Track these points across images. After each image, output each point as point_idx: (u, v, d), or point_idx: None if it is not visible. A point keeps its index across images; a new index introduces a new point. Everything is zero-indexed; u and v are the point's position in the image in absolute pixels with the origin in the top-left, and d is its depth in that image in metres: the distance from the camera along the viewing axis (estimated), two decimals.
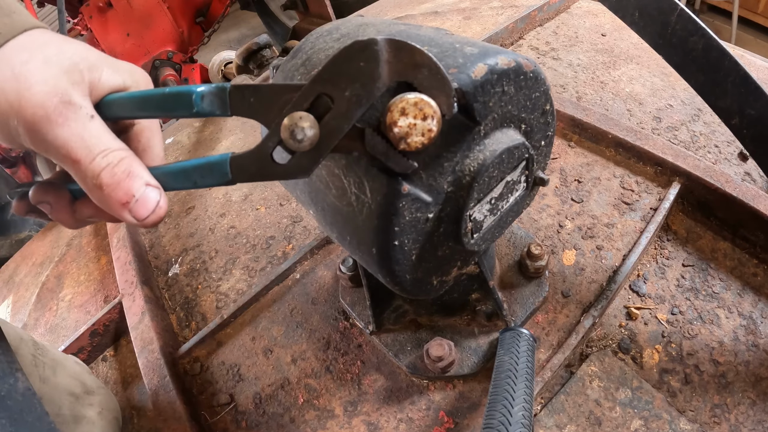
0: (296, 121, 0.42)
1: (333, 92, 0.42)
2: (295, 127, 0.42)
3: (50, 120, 0.40)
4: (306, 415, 0.90)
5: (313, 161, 0.44)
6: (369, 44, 0.41)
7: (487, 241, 0.67)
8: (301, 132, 0.42)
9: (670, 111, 1.26)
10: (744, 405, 0.76)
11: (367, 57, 0.42)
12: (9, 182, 2.53)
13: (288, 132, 0.42)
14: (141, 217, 0.43)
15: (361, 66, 0.42)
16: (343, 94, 0.42)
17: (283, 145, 0.43)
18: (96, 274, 1.37)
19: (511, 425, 0.63)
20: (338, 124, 0.43)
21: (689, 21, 0.79)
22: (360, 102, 0.43)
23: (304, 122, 0.42)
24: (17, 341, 0.81)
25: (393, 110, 0.45)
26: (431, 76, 0.44)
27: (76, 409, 0.86)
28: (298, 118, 0.42)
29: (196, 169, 0.45)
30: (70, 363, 0.94)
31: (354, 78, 0.42)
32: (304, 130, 0.42)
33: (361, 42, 0.41)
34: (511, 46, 1.65)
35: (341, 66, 0.42)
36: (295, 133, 0.42)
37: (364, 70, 0.42)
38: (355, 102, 0.43)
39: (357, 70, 0.42)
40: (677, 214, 1.03)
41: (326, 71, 0.42)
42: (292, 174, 0.45)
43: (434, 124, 0.45)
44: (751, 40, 3.67)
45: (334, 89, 0.42)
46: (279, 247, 1.23)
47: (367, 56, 0.41)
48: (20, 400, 0.55)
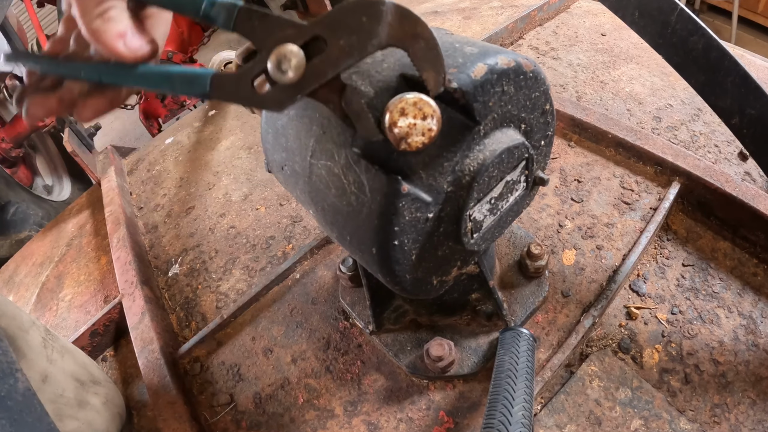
0: (286, 53, 0.42)
1: (329, 37, 0.42)
2: (284, 58, 0.42)
3: None
4: (306, 415, 0.90)
5: (289, 97, 0.45)
6: (376, 2, 0.42)
7: (487, 241, 0.67)
8: (287, 64, 0.42)
9: (670, 111, 1.26)
10: (744, 405, 0.76)
11: (371, 13, 0.42)
12: (9, 182, 2.53)
13: (275, 61, 0.42)
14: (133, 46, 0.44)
15: (363, 20, 0.42)
16: (338, 41, 0.42)
17: (267, 74, 0.43)
18: (96, 274, 1.37)
19: (511, 425, 0.63)
20: (324, 68, 0.43)
21: (689, 21, 0.79)
22: (351, 53, 0.43)
23: (293, 55, 0.42)
24: (29, 324, 0.82)
25: (392, 110, 0.45)
26: (427, 49, 0.44)
27: (81, 395, 0.86)
28: (289, 50, 0.42)
29: (179, 76, 0.46)
30: (79, 353, 0.95)
31: (353, 29, 0.42)
32: (291, 63, 0.42)
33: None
34: (510, 45, 1.65)
35: (344, 15, 0.42)
36: (282, 63, 0.42)
37: (365, 24, 0.42)
38: (347, 52, 0.43)
39: (358, 23, 0.42)
40: (677, 214, 1.03)
41: (328, 17, 0.42)
42: (266, 104, 0.45)
43: (434, 123, 0.45)
44: (751, 39, 3.67)
45: (331, 34, 0.42)
46: (279, 247, 1.23)
47: (371, 13, 0.42)
48: (20, 401, 0.55)
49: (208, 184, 1.52)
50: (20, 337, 0.78)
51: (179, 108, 2.83)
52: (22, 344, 0.78)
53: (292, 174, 0.68)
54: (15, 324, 0.78)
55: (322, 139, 0.59)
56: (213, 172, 1.57)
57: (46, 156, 3.21)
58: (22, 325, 0.80)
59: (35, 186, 2.96)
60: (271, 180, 1.44)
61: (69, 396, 0.84)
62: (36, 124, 2.55)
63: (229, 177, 1.52)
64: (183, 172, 1.63)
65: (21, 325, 0.79)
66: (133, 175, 1.72)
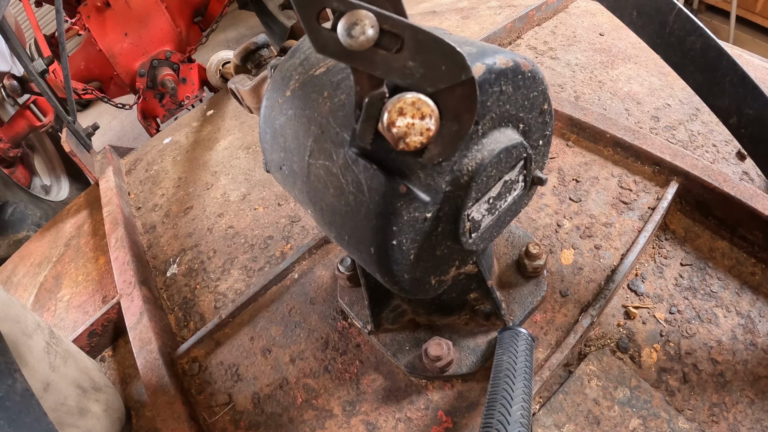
0: (365, 24, 0.41)
1: (408, 49, 0.42)
2: (359, 25, 0.41)
3: None
4: (305, 415, 0.90)
5: (335, 52, 0.43)
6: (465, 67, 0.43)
7: (485, 241, 0.67)
8: (358, 34, 0.41)
9: (668, 110, 1.26)
10: (742, 404, 0.76)
11: (452, 70, 0.43)
12: (7, 183, 2.52)
13: (350, 22, 0.41)
14: None
15: (442, 69, 0.43)
16: (409, 60, 0.43)
17: (337, 19, 0.42)
18: (94, 275, 1.37)
19: (510, 424, 0.63)
20: (379, 64, 0.43)
21: (687, 20, 0.79)
22: (406, 77, 0.44)
23: (367, 33, 0.41)
24: (34, 326, 0.82)
25: (391, 110, 0.45)
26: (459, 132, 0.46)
27: (83, 402, 0.86)
28: (369, 25, 0.41)
29: None
30: (82, 357, 0.95)
31: (428, 65, 0.43)
32: (360, 37, 0.41)
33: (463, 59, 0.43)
34: (509, 45, 1.65)
35: (436, 47, 0.42)
36: (354, 29, 0.41)
37: (439, 72, 0.43)
38: (406, 73, 0.43)
39: (437, 65, 0.43)
40: (675, 214, 1.03)
41: (425, 35, 0.42)
42: (313, 36, 0.43)
43: (432, 123, 0.45)
44: (749, 39, 3.67)
45: (412, 50, 0.42)
46: (277, 247, 1.23)
47: (452, 70, 0.43)
48: (18, 401, 0.55)
49: (206, 184, 1.52)
50: (23, 344, 0.77)
51: (177, 108, 2.82)
52: (25, 351, 0.77)
53: (291, 174, 0.67)
54: (18, 328, 0.77)
55: (320, 139, 0.59)
56: (211, 171, 1.57)
57: (44, 156, 3.20)
58: (26, 329, 0.79)
59: (33, 186, 2.95)
60: (269, 180, 1.44)
61: (71, 404, 0.83)
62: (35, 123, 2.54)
63: (228, 177, 1.52)
64: (181, 172, 1.62)
65: (25, 330, 0.78)
66: (131, 175, 1.72)
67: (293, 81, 0.65)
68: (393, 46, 0.43)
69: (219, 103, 1.97)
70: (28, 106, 2.55)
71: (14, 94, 2.25)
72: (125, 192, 1.62)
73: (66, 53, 1.80)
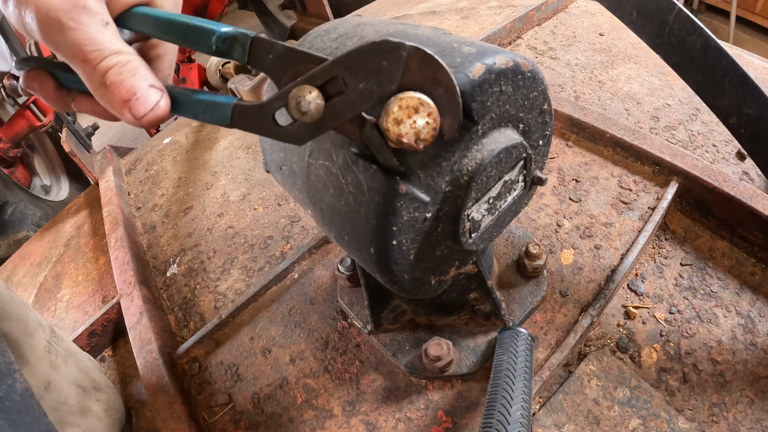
0: (305, 94, 0.42)
1: (348, 79, 0.43)
2: (302, 99, 0.42)
3: (62, 24, 0.40)
4: (304, 415, 0.90)
5: (309, 134, 0.45)
6: (398, 47, 0.42)
7: (485, 241, 0.67)
8: (307, 106, 0.42)
9: (668, 110, 1.26)
10: (742, 404, 0.76)
11: (392, 58, 0.42)
12: (7, 182, 2.52)
13: (294, 101, 0.43)
14: (139, 115, 0.43)
15: (383, 65, 0.42)
16: (358, 84, 0.43)
17: (287, 110, 0.44)
18: (94, 275, 1.37)
19: (510, 425, 0.63)
20: (343, 109, 0.44)
21: (687, 20, 0.80)
22: (370, 97, 0.43)
23: (311, 98, 0.43)
24: (35, 325, 0.82)
25: (392, 109, 0.45)
26: (446, 96, 0.44)
27: (83, 402, 0.86)
28: (308, 92, 0.43)
29: (201, 103, 0.46)
30: (83, 357, 0.95)
31: (372, 73, 0.43)
32: (310, 105, 0.43)
33: (391, 43, 0.42)
34: (509, 45, 1.65)
35: (365, 58, 0.42)
36: (301, 105, 0.42)
37: (385, 69, 0.42)
38: (366, 95, 0.43)
39: (378, 68, 0.42)
40: (675, 214, 1.03)
41: (349, 58, 0.42)
42: (287, 138, 0.46)
43: (432, 123, 0.45)
44: (749, 39, 3.67)
45: (351, 77, 0.43)
46: (277, 247, 1.23)
47: (393, 58, 0.42)
48: (18, 401, 0.55)
49: (206, 184, 1.52)
50: (24, 342, 0.77)
51: None
52: (26, 350, 0.77)
53: (290, 174, 0.67)
54: (20, 327, 0.77)
55: (320, 139, 0.59)
56: (211, 171, 1.57)
57: (44, 156, 3.21)
58: (27, 328, 0.79)
59: (33, 186, 2.95)
60: (269, 180, 1.44)
61: (71, 403, 0.83)
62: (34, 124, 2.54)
63: (227, 177, 1.52)
64: (181, 172, 1.62)
65: (26, 329, 0.78)
66: (131, 175, 1.72)
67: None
68: (339, 88, 0.43)
69: None
70: (28, 106, 2.55)
71: (14, 94, 2.25)
72: (125, 192, 1.62)
73: None
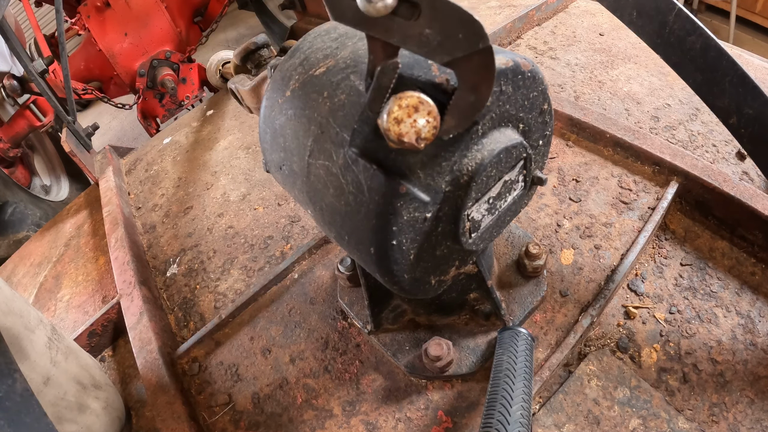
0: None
1: (426, 18, 0.42)
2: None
3: None
4: (304, 415, 0.90)
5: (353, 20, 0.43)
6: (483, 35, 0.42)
7: (485, 241, 0.67)
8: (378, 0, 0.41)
9: (668, 110, 1.26)
10: (742, 404, 0.76)
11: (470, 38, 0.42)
12: (7, 183, 2.52)
13: None
14: None
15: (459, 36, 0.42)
16: (426, 28, 0.42)
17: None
18: (94, 275, 1.37)
19: (510, 424, 0.63)
20: (396, 31, 0.43)
21: (687, 20, 0.79)
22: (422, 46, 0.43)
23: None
24: (36, 322, 0.82)
25: (392, 109, 0.45)
26: (473, 105, 0.45)
27: (82, 399, 0.86)
28: None
29: None
30: (83, 355, 0.95)
31: (445, 32, 0.42)
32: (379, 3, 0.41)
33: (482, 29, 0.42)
34: (509, 45, 1.65)
35: (454, 16, 0.42)
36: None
37: (456, 40, 0.42)
38: (423, 42, 0.43)
39: (454, 33, 0.42)
40: (675, 214, 1.03)
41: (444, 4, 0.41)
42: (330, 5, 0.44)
43: (433, 122, 0.45)
44: (749, 39, 3.67)
45: (429, 18, 0.42)
46: (277, 247, 1.23)
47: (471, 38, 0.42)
48: (18, 401, 0.55)
49: (206, 184, 1.52)
50: (25, 337, 0.77)
51: (177, 108, 2.82)
52: (27, 345, 0.77)
53: (291, 174, 0.67)
54: (21, 323, 0.78)
55: (320, 139, 0.59)
56: (211, 172, 1.57)
57: (44, 156, 3.20)
58: (28, 323, 0.79)
59: (33, 186, 2.95)
60: (269, 180, 1.44)
61: (70, 399, 0.84)
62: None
63: (227, 177, 1.52)
64: (181, 172, 1.62)
65: (27, 324, 0.79)
66: (131, 175, 1.72)
67: (293, 81, 0.65)
68: (410, 14, 0.42)
69: (219, 103, 1.97)
70: (28, 106, 2.55)
71: (14, 94, 2.25)
72: (125, 192, 1.62)
73: (66, 53, 1.80)
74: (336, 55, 0.63)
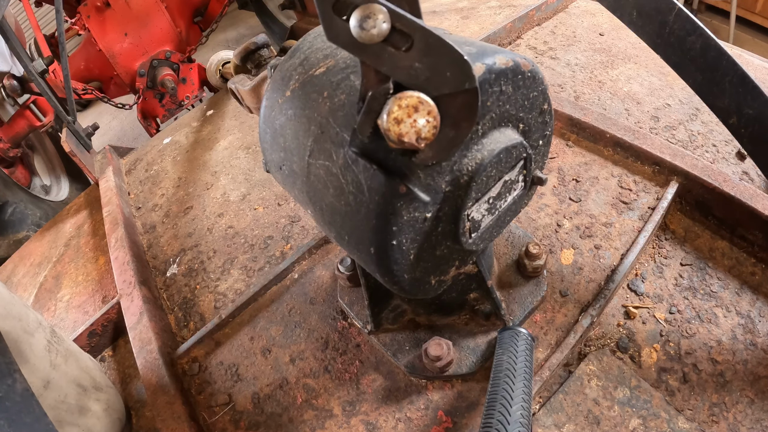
0: (378, 18, 0.40)
1: (417, 50, 0.42)
2: (372, 19, 0.41)
3: None
4: (304, 415, 0.90)
5: (346, 43, 0.43)
6: (471, 77, 0.43)
7: (485, 241, 0.67)
8: (369, 28, 0.41)
9: (668, 110, 1.26)
10: (742, 404, 0.76)
11: (456, 78, 0.43)
12: (7, 183, 2.52)
13: (364, 14, 0.41)
14: None
15: (447, 75, 0.43)
16: (416, 61, 0.43)
17: (351, 10, 0.42)
18: (94, 275, 1.37)
19: (510, 424, 0.63)
20: (386, 60, 0.43)
21: (687, 20, 0.79)
22: (411, 77, 0.43)
23: (379, 26, 0.41)
24: (35, 325, 0.82)
25: (392, 108, 0.44)
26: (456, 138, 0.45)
27: (83, 401, 0.86)
28: (382, 21, 0.41)
29: None
30: (83, 357, 0.95)
31: (433, 68, 0.43)
32: (372, 31, 0.41)
33: (470, 69, 0.43)
34: (509, 45, 1.65)
35: (444, 53, 0.42)
36: (366, 22, 0.41)
37: (444, 78, 0.43)
38: (412, 74, 0.43)
39: (442, 70, 0.43)
40: (675, 214, 1.03)
41: (435, 39, 0.42)
42: (326, 23, 0.43)
43: (433, 122, 0.45)
44: (749, 39, 3.67)
45: (420, 51, 0.42)
46: (277, 247, 1.23)
47: (457, 78, 0.43)
48: (18, 401, 0.55)
49: (206, 184, 1.52)
50: (24, 341, 0.77)
51: (177, 108, 2.82)
52: (26, 348, 0.77)
53: (291, 174, 0.67)
54: (20, 326, 0.77)
55: (320, 139, 0.59)
56: (211, 172, 1.57)
57: (44, 156, 3.20)
58: (27, 327, 0.79)
59: (33, 186, 2.95)
60: (269, 180, 1.44)
61: (70, 402, 0.83)
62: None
63: (227, 177, 1.52)
64: (181, 172, 1.62)
65: (26, 327, 0.79)
66: (131, 175, 1.72)
67: (293, 81, 0.65)
68: (402, 45, 0.42)
69: (219, 103, 1.97)
70: (28, 106, 2.55)
71: (14, 94, 2.25)
72: (125, 192, 1.62)
73: (66, 53, 1.80)
74: (336, 55, 0.63)
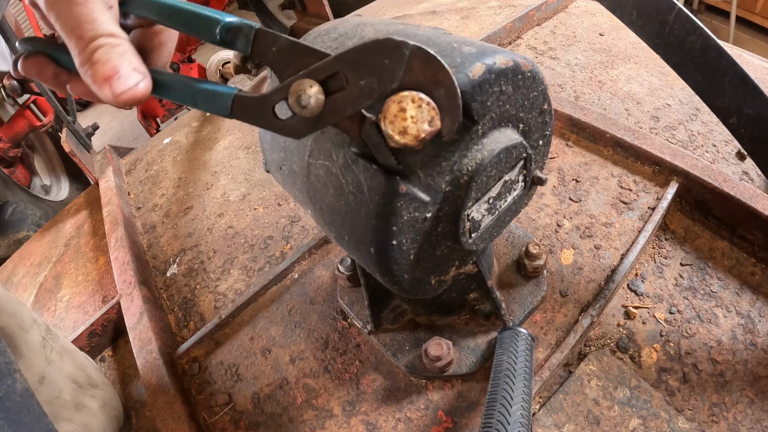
0: (306, 88, 0.43)
1: (350, 76, 0.43)
2: (303, 93, 0.43)
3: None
4: (304, 415, 0.90)
5: (308, 128, 0.45)
6: (400, 45, 0.42)
7: (485, 241, 0.67)
8: (307, 100, 0.43)
9: (668, 110, 1.26)
10: (742, 404, 0.76)
11: (394, 57, 0.42)
12: (7, 182, 2.52)
13: (295, 95, 0.43)
14: (117, 92, 0.43)
15: (386, 63, 0.42)
16: (359, 81, 0.43)
17: (287, 103, 0.44)
18: (94, 275, 1.37)
19: (510, 425, 0.63)
20: (343, 105, 0.44)
21: (687, 20, 0.79)
22: (371, 95, 0.43)
23: (312, 92, 0.43)
24: (30, 321, 0.82)
25: (392, 107, 0.44)
26: (447, 97, 0.44)
27: (78, 397, 0.86)
28: (309, 86, 0.43)
29: (203, 92, 0.46)
30: (78, 354, 0.95)
31: (374, 71, 0.43)
32: (310, 99, 0.43)
33: (393, 41, 0.42)
34: (509, 45, 1.65)
35: (368, 56, 0.42)
36: (301, 98, 0.43)
37: (387, 68, 0.42)
38: (367, 93, 0.43)
39: (380, 66, 0.42)
40: (675, 214, 1.03)
41: (351, 54, 0.42)
42: (286, 131, 0.46)
43: (432, 122, 0.45)
44: (749, 39, 3.67)
45: (352, 73, 0.43)
46: (277, 247, 1.23)
47: (395, 57, 0.42)
48: (18, 401, 0.55)
49: (206, 184, 1.52)
50: (19, 336, 0.77)
51: (177, 107, 2.82)
52: (21, 344, 0.77)
53: (290, 173, 0.67)
54: (15, 322, 0.78)
55: (320, 139, 0.59)
56: (211, 171, 1.57)
57: (44, 156, 3.21)
58: (22, 323, 0.79)
59: (33, 186, 2.95)
60: (269, 180, 1.44)
61: (66, 398, 0.84)
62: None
63: (228, 177, 1.52)
64: (181, 172, 1.62)
65: (21, 324, 0.79)
66: (131, 175, 1.72)
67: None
68: (341, 84, 0.43)
69: None
70: (28, 106, 2.55)
71: (14, 94, 2.25)
72: (125, 192, 1.62)
73: None
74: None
